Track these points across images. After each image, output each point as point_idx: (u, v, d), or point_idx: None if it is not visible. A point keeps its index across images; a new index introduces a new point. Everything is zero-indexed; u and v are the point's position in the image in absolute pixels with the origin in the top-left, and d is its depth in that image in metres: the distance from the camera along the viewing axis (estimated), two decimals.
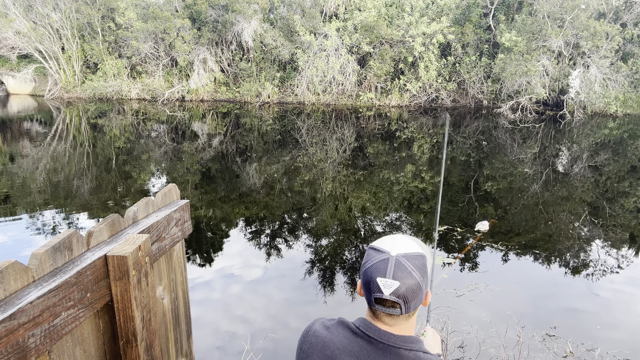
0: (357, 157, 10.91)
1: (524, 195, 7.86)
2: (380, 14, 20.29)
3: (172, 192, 1.93)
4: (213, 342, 3.79)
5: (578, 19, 17.71)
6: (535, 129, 15.26)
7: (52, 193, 7.67)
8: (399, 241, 1.07)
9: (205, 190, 8.09)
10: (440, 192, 2.46)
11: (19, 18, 20.43)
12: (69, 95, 21.72)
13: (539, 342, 3.74)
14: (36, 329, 1.12)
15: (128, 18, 20.04)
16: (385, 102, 20.56)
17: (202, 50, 20.33)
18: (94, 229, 1.44)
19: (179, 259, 1.91)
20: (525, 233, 6.18)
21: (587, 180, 9.08)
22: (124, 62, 21.28)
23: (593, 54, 18.13)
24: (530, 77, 17.94)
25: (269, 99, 20.60)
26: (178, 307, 1.91)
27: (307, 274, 5.02)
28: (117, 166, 9.65)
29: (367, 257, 1.07)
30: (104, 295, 1.38)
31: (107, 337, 1.46)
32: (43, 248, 1.24)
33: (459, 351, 3.58)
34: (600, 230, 6.32)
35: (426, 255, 1.08)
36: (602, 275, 5.04)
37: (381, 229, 6.36)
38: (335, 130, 14.37)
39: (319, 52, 19.58)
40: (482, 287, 4.68)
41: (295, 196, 7.75)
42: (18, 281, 1.14)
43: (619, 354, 3.63)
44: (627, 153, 11.77)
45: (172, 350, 1.89)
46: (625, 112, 18.46)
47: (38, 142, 11.94)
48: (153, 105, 19.71)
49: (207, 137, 13.12)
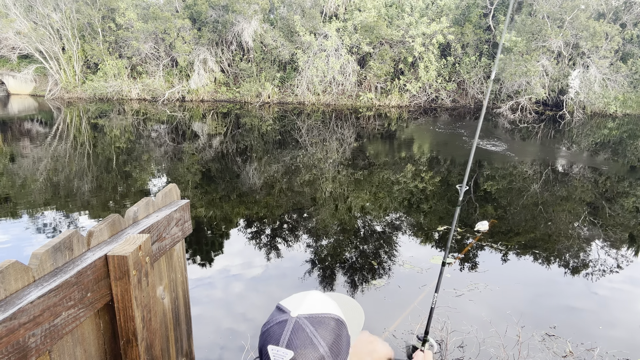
0: (357, 157, 10.92)
1: (523, 195, 7.86)
2: (380, 14, 20.30)
3: (172, 192, 1.93)
4: (214, 341, 3.79)
5: (578, 19, 17.71)
6: (535, 129, 15.26)
7: (52, 193, 7.68)
8: (309, 299, 0.85)
9: (205, 190, 8.10)
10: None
11: (20, 18, 20.44)
12: (69, 95, 21.73)
13: (538, 341, 3.74)
14: (37, 328, 1.12)
15: (128, 18, 20.06)
16: (385, 102, 20.56)
17: (202, 50, 20.34)
18: (94, 229, 1.45)
19: (179, 259, 1.92)
20: (525, 233, 6.19)
21: (587, 180, 9.08)
22: (124, 63, 21.29)
23: (592, 54, 18.14)
24: (529, 77, 17.94)
25: (269, 99, 20.60)
26: (178, 307, 1.92)
27: (307, 273, 5.02)
28: (117, 166, 9.65)
29: (269, 318, 0.85)
30: (104, 295, 1.38)
31: (108, 337, 1.47)
32: (43, 248, 1.24)
33: (458, 351, 3.59)
34: (599, 230, 6.33)
35: (344, 322, 0.85)
36: (602, 275, 5.04)
37: (381, 229, 6.37)
38: (335, 131, 14.37)
39: (319, 53, 19.59)
40: (482, 286, 4.68)
41: (296, 196, 7.75)
42: (18, 281, 1.14)
43: (618, 353, 3.63)
44: (626, 153, 11.77)
45: (173, 350, 1.89)
46: (624, 112, 18.47)
47: (38, 142, 11.94)
48: (153, 105, 19.72)
49: (208, 137, 13.12)
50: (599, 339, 3.83)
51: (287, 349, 0.77)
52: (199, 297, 4.48)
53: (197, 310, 4.22)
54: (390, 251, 5.60)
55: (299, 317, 0.80)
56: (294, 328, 0.79)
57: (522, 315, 4.08)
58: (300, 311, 0.81)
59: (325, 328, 0.80)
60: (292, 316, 0.80)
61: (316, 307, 0.83)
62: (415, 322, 3.83)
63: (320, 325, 0.80)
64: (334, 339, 0.81)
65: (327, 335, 0.80)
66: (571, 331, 3.92)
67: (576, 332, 3.93)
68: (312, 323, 0.80)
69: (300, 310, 0.81)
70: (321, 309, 0.83)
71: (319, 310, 0.82)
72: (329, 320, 0.82)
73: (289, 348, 0.77)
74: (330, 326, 0.81)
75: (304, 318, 0.80)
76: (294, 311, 0.81)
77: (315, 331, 0.79)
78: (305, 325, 0.79)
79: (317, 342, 0.78)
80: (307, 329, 0.79)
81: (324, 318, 0.82)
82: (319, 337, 0.79)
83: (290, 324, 0.79)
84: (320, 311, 0.82)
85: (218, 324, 4.08)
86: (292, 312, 0.81)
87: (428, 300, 4.32)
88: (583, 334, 3.90)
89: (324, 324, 0.81)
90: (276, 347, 0.78)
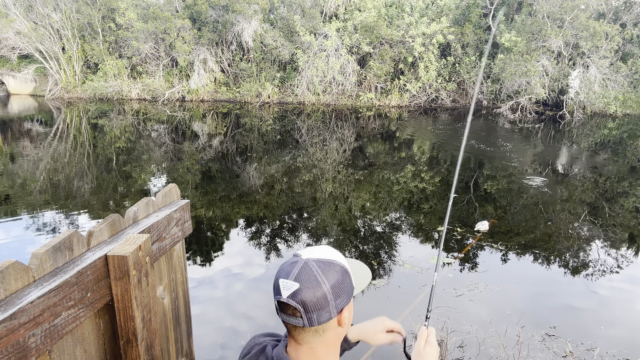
0: (357, 157, 10.92)
1: (523, 195, 7.86)
2: (380, 14, 20.30)
3: (172, 192, 1.93)
4: (214, 341, 3.79)
5: (578, 19, 17.71)
6: (535, 129, 15.26)
7: (52, 193, 7.68)
8: (321, 248, 0.98)
9: (205, 190, 8.10)
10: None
11: (20, 18, 20.43)
12: (69, 95, 21.73)
13: (538, 341, 3.74)
14: (37, 328, 1.12)
15: (128, 18, 20.05)
16: (385, 102, 20.56)
17: (202, 50, 20.34)
18: (94, 229, 1.45)
19: (179, 259, 1.92)
20: (524, 233, 6.19)
21: (587, 180, 9.08)
22: (124, 63, 21.28)
23: (592, 54, 18.14)
24: (529, 77, 17.94)
25: (269, 99, 20.60)
26: (178, 307, 1.92)
27: None
28: (117, 166, 9.65)
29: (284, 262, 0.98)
30: (104, 295, 1.38)
31: (108, 337, 1.47)
32: (43, 248, 1.24)
33: (458, 351, 3.59)
34: (599, 230, 6.33)
35: (349, 271, 0.97)
36: (602, 275, 5.04)
37: (381, 229, 6.37)
38: (335, 131, 14.37)
39: (319, 53, 19.59)
40: (482, 286, 4.68)
41: (296, 196, 7.75)
42: (19, 281, 1.14)
43: (618, 353, 3.63)
44: (626, 153, 11.78)
45: (173, 349, 1.89)
46: (624, 112, 18.47)
47: (38, 142, 11.94)
48: (153, 105, 19.72)
49: (208, 137, 13.12)
50: (599, 338, 3.83)
51: (294, 281, 0.90)
52: (200, 297, 4.48)
53: (198, 309, 4.22)
54: (390, 251, 5.60)
55: (308, 260, 0.93)
56: (302, 267, 0.91)
57: (522, 315, 4.08)
58: (310, 256, 0.94)
59: (330, 271, 0.92)
60: (302, 258, 0.94)
61: (325, 255, 0.95)
62: (416, 322, 3.83)
63: (326, 268, 0.92)
64: (336, 282, 0.92)
65: (330, 277, 0.92)
66: (571, 331, 3.92)
67: (576, 332, 3.93)
68: (319, 265, 0.92)
69: (311, 255, 0.94)
70: (329, 256, 0.96)
71: (327, 257, 0.95)
72: (334, 266, 0.94)
73: (296, 281, 0.90)
74: (335, 270, 0.93)
75: (312, 261, 0.93)
76: (305, 255, 0.94)
77: (321, 272, 0.91)
78: (313, 266, 0.92)
79: (321, 280, 0.90)
80: (314, 269, 0.91)
81: (330, 263, 0.94)
82: (324, 277, 0.91)
83: (300, 264, 0.92)
84: (328, 257, 0.95)
85: (219, 324, 4.08)
86: (303, 255, 0.94)
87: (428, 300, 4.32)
88: (583, 334, 3.90)
89: (330, 268, 0.93)
90: (285, 279, 0.91)
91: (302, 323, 0.91)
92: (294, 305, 0.89)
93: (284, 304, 0.91)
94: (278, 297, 0.91)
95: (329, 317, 0.92)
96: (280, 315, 0.94)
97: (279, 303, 0.93)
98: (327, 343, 0.96)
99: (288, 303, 0.90)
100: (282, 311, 0.93)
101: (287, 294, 0.89)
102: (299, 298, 0.89)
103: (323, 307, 0.90)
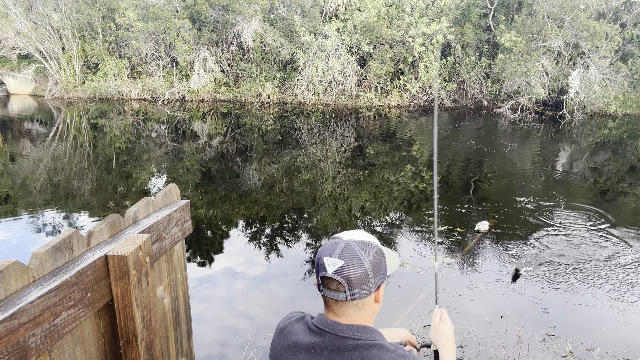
0: (357, 157, 10.92)
1: (523, 195, 7.86)
2: (380, 14, 20.29)
3: (172, 192, 1.93)
4: (215, 340, 3.79)
5: (578, 19, 17.71)
6: (535, 129, 15.26)
7: (52, 193, 7.68)
8: (358, 232, 1.06)
9: (205, 190, 8.10)
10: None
11: (20, 18, 20.43)
12: (69, 95, 21.72)
13: (538, 341, 3.74)
14: (37, 328, 1.12)
15: (128, 18, 20.04)
16: (385, 102, 20.56)
17: (202, 50, 20.34)
18: (94, 229, 1.45)
19: (179, 259, 1.92)
20: (524, 233, 6.19)
21: (587, 180, 9.08)
22: (124, 63, 21.27)
23: (592, 54, 18.13)
24: (529, 77, 17.94)
25: (269, 99, 20.60)
26: (178, 307, 1.92)
27: (308, 273, 5.02)
28: (117, 166, 9.65)
29: (324, 244, 1.06)
30: (104, 295, 1.38)
31: (108, 337, 1.47)
32: (43, 248, 1.24)
33: (458, 351, 3.59)
34: (599, 230, 6.33)
35: (384, 253, 1.05)
36: (602, 275, 5.04)
37: (381, 229, 6.37)
38: (335, 131, 14.37)
39: (319, 53, 19.58)
40: (482, 286, 4.68)
41: (296, 196, 7.75)
42: (19, 281, 1.14)
43: (618, 353, 3.63)
44: (626, 153, 11.78)
45: (173, 349, 1.89)
46: (624, 112, 18.46)
47: (38, 142, 11.94)
48: (153, 105, 19.72)
49: (208, 137, 13.12)
50: (599, 338, 3.83)
51: (338, 259, 0.97)
52: (200, 297, 4.48)
53: (198, 309, 4.22)
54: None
55: (349, 241, 1.01)
56: (345, 246, 0.99)
57: (522, 315, 4.08)
58: (350, 237, 1.03)
59: (370, 251, 1.01)
60: (343, 239, 1.02)
61: (363, 237, 1.04)
62: (416, 321, 3.83)
63: (366, 248, 1.01)
64: (375, 261, 1.01)
65: (370, 257, 1.00)
66: (571, 331, 3.92)
67: (576, 332, 3.93)
68: (359, 245, 1.00)
69: (351, 237, 1.03)
70: (367, 238, 1.04)
71: (365, 238, 1.04)
72: (373, 247, 1.02)
73: (340, 258, 0.97)
74: (374, 251, 1.02)
75: (353, 242, 1.01)
76: (345, 237, 1.03)
77: (362, 251, 0.99)
78: (354, 245, 1.00)
79: (363, 258, 0.98)
80: (356, 249, 0.99)
81: (369, 244, 1.02)
82: (365, 255, 0.99)
83: (342, 244, 1.00)
84: (366, 239, 1.04)
85: (219, 323, 4.08)
86: (344, 237, 1.03)
87: (428, 300, 4.33)
88: (583, 334, 3.90)
89: (369, 248, 1.01)
90: (330, 257, 0.98)
91: (344, 297, 0.98)
92: (339, 280, 0.97)
93: (328, 279, 0.98)
94: (323, 272, 0.98)
95: (368, 292, 1.00)
96: (323, 291, 1.02)
97: (322, 279, 1.00)
98: (365, 317, 1.04)
99: (333, 278, 0.97)
100: (326, 286, 1.00)
101: (332, 270, 0.97)
102: (343, 274, 0.96)
103: (364, 282, 0.98)
